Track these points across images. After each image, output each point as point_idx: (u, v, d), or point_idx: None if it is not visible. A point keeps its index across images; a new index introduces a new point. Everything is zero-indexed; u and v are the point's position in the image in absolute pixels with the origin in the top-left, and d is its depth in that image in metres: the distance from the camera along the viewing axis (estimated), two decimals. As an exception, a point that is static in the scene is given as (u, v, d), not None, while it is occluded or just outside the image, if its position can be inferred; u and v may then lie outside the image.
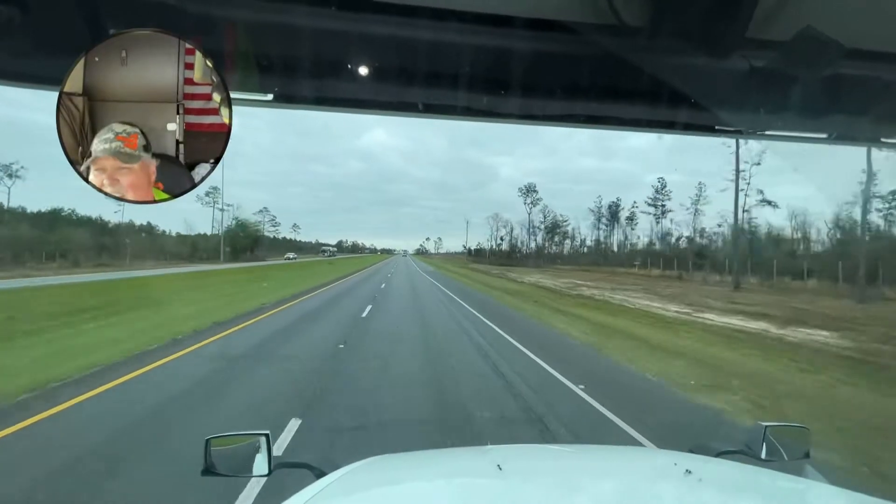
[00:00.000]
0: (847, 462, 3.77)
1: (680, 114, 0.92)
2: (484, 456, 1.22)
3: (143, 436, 3.99)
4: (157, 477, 3.22)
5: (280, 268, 39.80)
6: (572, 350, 8.36)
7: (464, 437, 4.00)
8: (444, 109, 0.89)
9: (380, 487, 1.14)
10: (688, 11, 0.72)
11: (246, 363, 6.60)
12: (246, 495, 2.90)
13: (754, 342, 9.70)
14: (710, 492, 1.02)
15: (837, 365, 7.63)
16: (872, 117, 0.94)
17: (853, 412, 5.22)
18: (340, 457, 1.34)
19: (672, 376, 6.47)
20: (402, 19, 0.73)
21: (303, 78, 0.80)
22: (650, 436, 4.22)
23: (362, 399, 5.04)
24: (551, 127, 0.98)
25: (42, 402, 4.75)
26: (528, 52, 0.80)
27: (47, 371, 5.72)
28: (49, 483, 3.14)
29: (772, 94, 0.84)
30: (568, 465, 1.29)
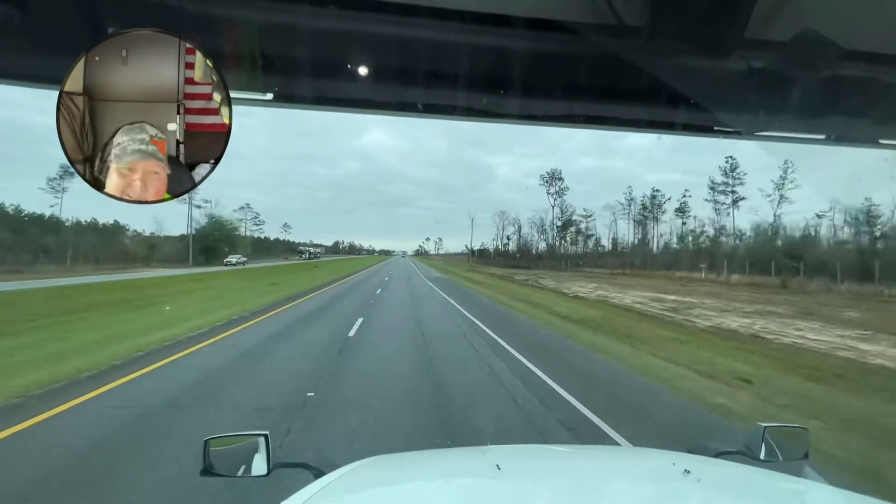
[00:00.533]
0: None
1: (679, 114, 0.92)
2: (483, 456, 1.22)
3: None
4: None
5: (229, 275, 30.21)
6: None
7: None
8: (444, 109, 0.89)
9: (378, 487, 1.14)
10: (687, 12, 0.72)
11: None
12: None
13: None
14: (708, 492, 1.02)
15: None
16: (871, 119, 0.94)
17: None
18: (339, 456, 1.33)
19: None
20: (402, 18, 0.73)
21: (302, 77, 0.80)
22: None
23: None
24: (550, 127, 0.98)
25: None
26: (527, 52, 0.80)
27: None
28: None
29: (770, 95, 0.84)
30: (566, 466, 1.29)
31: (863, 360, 8.83)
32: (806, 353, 9.25)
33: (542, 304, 16.83)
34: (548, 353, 8.00)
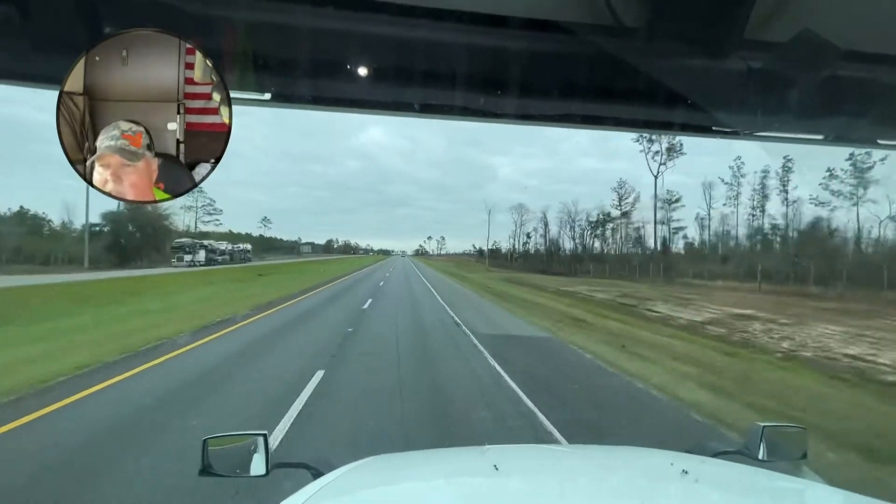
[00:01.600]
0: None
1: (677, 114, 0.92)
2: (481, 456, 1.22)
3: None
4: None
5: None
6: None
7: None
8: (441, 109, 0.89)
9: (377, 487, 1.14)
10: (686, 12, 0.72)
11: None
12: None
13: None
14: (706, 492, 1.02)
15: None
16: (869, 119, 0.94)
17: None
18: (339, 456, 1.34)
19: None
20: (400, 19, 0.73)
21: (300, 77, 0.81)
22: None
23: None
24: (549, 127, 0.98)
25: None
26: (525, 53, 0.81)
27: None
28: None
29: (769, 96, 0.84)
30: (564, 465, 1.29)
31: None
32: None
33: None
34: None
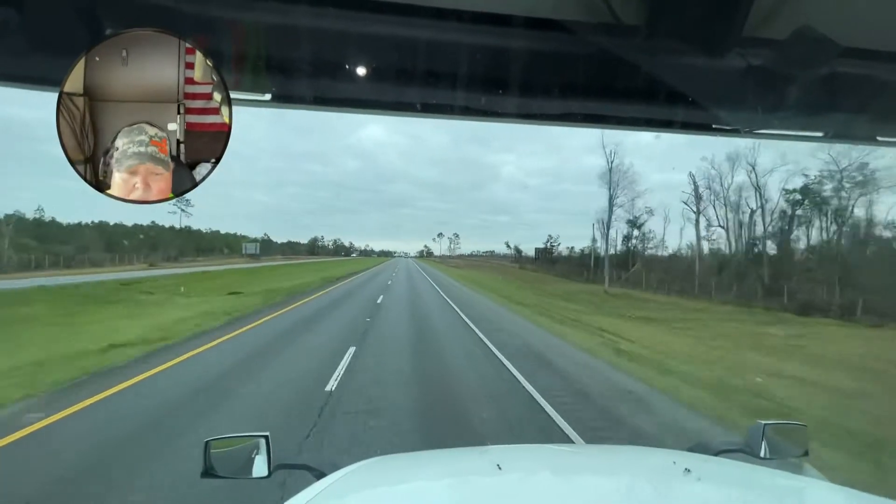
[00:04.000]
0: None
1: (677, 112, 0.92)
2: (483, 456, 1.22)
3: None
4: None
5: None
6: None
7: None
8: (442, 109, 0.89)
9: (379, 488, 1.14)
10: (685, 10, 0.72)
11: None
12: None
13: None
14: (709, 490, 1.02)
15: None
16: (869, 116, 0.94)
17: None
18: (340, 457, 1.34)
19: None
20: (400, 18, 0.73)
21: (300, 78, 0.80)
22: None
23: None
24: (549, 126, 0.98)
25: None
26: (525, 52, 0.81)
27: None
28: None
29: (769, 93, 0.84)
30: (567, 465, 1.29)
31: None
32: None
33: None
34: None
